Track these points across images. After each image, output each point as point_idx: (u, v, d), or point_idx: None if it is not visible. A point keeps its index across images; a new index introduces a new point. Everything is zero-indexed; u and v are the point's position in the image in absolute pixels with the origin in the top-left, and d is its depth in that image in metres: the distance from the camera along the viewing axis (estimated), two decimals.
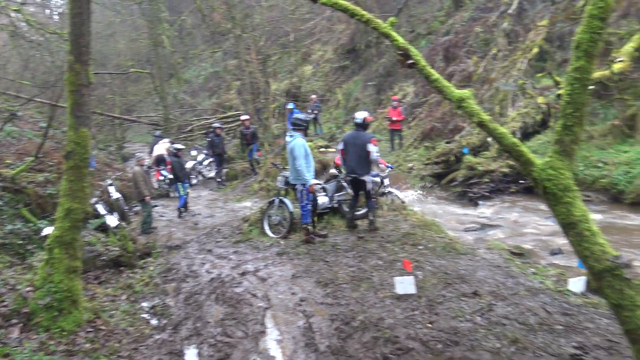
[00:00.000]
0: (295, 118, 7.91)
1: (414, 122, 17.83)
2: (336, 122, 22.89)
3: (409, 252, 6.75)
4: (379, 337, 4.66)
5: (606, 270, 2.40)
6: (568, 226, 2.54)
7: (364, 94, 23.17)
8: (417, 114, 18.27)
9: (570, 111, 2.63)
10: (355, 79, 24.83)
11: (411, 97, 19.57)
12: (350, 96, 23.99)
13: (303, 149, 7.56)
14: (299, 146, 7.57)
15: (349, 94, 24.30)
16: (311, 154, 7.78)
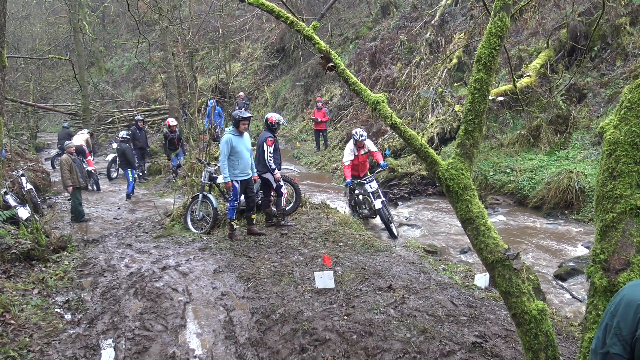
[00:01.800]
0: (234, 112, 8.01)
1: (339, 124, 18.25)
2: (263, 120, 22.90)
3: (330, 248, 6.99)
4: (297, 329, 4.83)
5: (497, 261, 2.70)
6: (467, 221, 2.82)
7: (292, 93, 23.36)
8: (343, 115, 18.71)
9: (471, 117, 2.92)
10: (284, 78, 24.98)
11: (337, 99, 20.00)
12: (279, 95, 24.12)
13: (226, 145, 7.56)
14: (222, 142, 7.63)
15: (277, 92, 24.42)
16: (244, 150, 7.74)
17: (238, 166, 7.66)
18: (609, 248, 2.54)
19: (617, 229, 2.54)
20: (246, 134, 7.88)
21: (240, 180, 7.76)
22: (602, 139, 2.78)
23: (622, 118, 2.62)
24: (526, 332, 2.64)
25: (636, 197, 2.51)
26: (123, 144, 13.03)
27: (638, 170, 2.52)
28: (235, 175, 7.68)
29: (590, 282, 2.61)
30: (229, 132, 7.67)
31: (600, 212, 2.64)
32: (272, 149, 8.05)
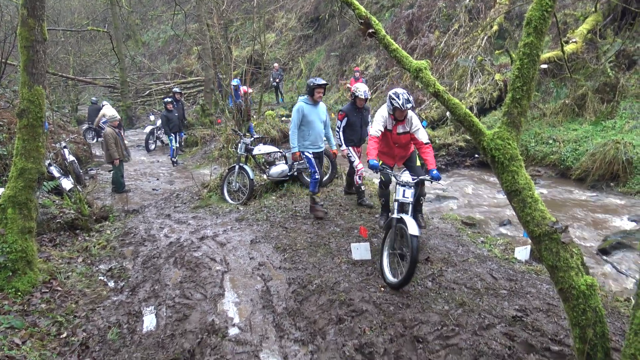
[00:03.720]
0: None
1: (375, 94, 17.98)
2: (298, 91, 22.80)
3: (366, 220, 6.94)
4: (334, 300, 4.83)
5: (545, 234, 2.59)
6: (513, 193, 2.71)
7: (326, 64, 23.10)
8: (378, 86, 18.42)
9: (519, 85, 2.77)
10: (319, 48, 24.69)
11: (373, 69, 19.67)
12: (313, 66, 23.89)
13: (297, 113, 7.10)
14: (294, 110, 7.18)
15: (312, 63, 24.18)
16: (317, 121, 7.23)
17: (309, 137, 7.19)
18: None
19: None
20: (322, 104, 7.40)
21: (312, 152, 7.28)
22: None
23: None
24: (573, 308, 2.55)
25: None
26: (167, 111, 13.72)
27: None
28: (305, 147, 7.22)
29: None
30: (303, 100, 7.19)
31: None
32: (343, 123, 7.36)
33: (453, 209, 8.89)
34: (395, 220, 5.07)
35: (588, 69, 11.51)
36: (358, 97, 7.33)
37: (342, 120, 7.37)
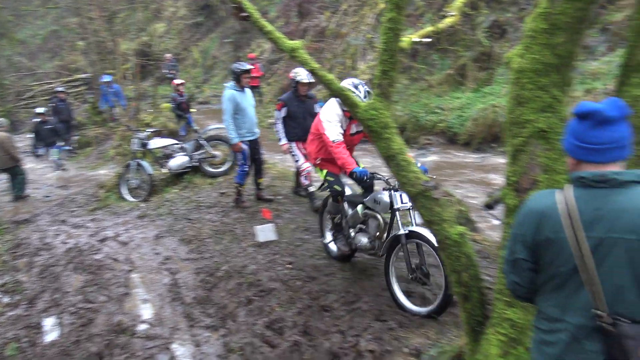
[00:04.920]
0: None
1: (272, 78, 18.02)
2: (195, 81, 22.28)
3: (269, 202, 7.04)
4: (242, 283, 4.92)
5: (419, 193, 2.84)
6: (389, 158, 2.93)
7: (221, 51, 22.72)
8: (275, 70, 18.46)
9: (386, 57, 2.98)
10: (212, 36, 24.19)
11: (268, 53, 19.66)
12: (208, 54, 23.41)
13: (230, 102, 6.58)
14: (225, 99, 6.65)
15: (206, 52, 23.67)
16: (249, 107, 6.79)
17: (244, 125, 6.72)
18: (519, 170, 2.71)
19: (526, 152, 2.69)
20: (248, 90, 6.94)
21: (248, 140, 6.82)
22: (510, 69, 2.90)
23: (526, 47, 2.73)
24: (449, 256, 2.82)
25: (540, 121, 2.65)
26: (38, 121, 11.69)
27: (541, 96, 2.65)
28: (242, 136, 6.74)
29: (505, 203, 2.80)
30: (231, 87, 6.68)
31: (511, 137, 2.79)
32: (282, 114, 6.57)
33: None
34: (404, 238, 4.07)
35: (466, 41, 12.31)
36: (300, 82, 6.39)
37: (280, 110, 6.55)
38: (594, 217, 1.69)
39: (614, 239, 1.66)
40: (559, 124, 2.68)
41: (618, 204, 1.67)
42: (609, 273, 1.67)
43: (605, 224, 1.67)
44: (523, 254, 1.89)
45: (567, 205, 1.75)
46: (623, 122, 1.73)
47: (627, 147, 1.75)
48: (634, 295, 1.66)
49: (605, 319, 1.68)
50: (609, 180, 1.69)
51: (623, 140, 1.73)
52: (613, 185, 1.69)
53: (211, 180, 8.35)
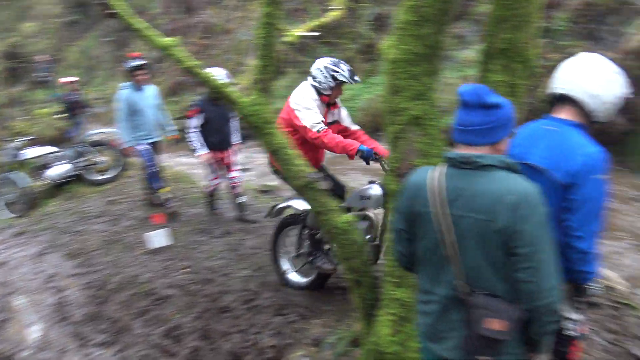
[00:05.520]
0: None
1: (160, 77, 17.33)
2: None
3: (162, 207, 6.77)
4: (136, 294, 4.69)
5: (305, 185, 2.87)
6: (273, 153, 2.93)
7: (102, 50, 21.44)
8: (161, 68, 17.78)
9: (264, 53, 2.96)
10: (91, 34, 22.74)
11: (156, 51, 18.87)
12: (87, 54, 21.98)
13: (124, 102, 6.08)
14: (118, 99, 6.17)
15: (85, 51, 22.21)
16: (148, 108, 6.23)
17: (142, 127, 6.19)
18: (398, 156, 2.82)
19: (403, 139, 2.81)
20: (151, 87, 6.41)
21: (148, 143, 6.28)
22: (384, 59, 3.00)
23: (399, 38, 2.83)
24: (339, 244, 2.89)
25: (415, 108, 2.78)
26: None
27: (413, 84, 2.77)
28: (139, 139, 6.18)
29: (388, 189, 2.90)
30: (125, 87, 6.17)
31: (389, 125, 2.89)
32: (198, 121, 5.79)
33: (250, 180, 9.15)
34: None
35: (352, 33, 12.64)
36: None
37: (194, 117, 5.74)
38: (457, 195, 1.79)
39: (469, 218, 1.76)
40: (431, 111, 2.83)
41: (476, 185, 1.76)
42: (467, 249, 1.78)
43: (464, 203, 1.77)
44: (402, 224, 2.00)
45: (436, 182, 1.84)
46: (482, 108, 1.78)
47: (489, 133, 1.79)
48: (489, 272, 1.76)
49: (463, 289, 1.80)
50: (472, 162, 1.78)
51: (482, 125, 1.78)
52: (475, 167, 1.78)
53: (97, 188, 7.87)
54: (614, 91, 2.13)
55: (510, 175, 1.77)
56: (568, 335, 2.38)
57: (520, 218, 1.68)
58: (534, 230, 1.70)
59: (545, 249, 1.73)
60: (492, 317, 1.73)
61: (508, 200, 1.70)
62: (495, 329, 1.72)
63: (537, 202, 1.73)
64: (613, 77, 2.13)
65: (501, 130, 1.80)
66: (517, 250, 1.70)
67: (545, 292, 1.71)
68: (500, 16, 2.67)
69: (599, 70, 2.13)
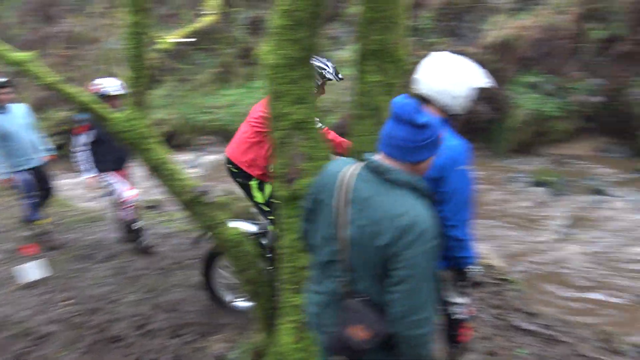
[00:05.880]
0: None
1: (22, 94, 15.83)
2: None
3: None
4: (9, 336, 4.21)
5: (191, 200, 2.75)
6: (153, 169, 2.77)
7: None
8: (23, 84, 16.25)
9: (135, 64, 2.78)
10: None
11: None
12: None
13: None
14: None
15: None
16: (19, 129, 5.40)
17: (18, 152, 5.40)
18: (285, 162, 2.79)
19: (288, 144, 2.79)
20: (20, 106, 5.56)
21: (29, 168, 5.47)
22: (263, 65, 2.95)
23: (276, 43, 2.80)
24: (233, 257, 2.81)
25: (297, 112, 2.77)
26: None
27: (293, 89, 2.76)
28: (17, 165, 5.40)
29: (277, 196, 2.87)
30: None
31: (274, 131, 2.86)
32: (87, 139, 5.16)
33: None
34: None
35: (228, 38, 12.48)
36: (109, 95, 5.04)
37: (83, 134, 5.12)
38: (360, 199, 1.77)
39: (363, 225, 1.74)
40: (312, 114, 2.84)
41: (380, 196, 1.74)
42: (355, 253, 1.78)
43: (363, 209, 1.75)
44: (309, 205, 2.01)
45: (346, 180, 1.82)
46: (410, 126, 1.71)
47: (411, 152, 1.74)
48: (370, 281, 1.78)
49: (344, 289, 1.83)
50: (382, 172, 1.76)
51: (406, 142, 1.72)
52: (385, 179, 1.75)
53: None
54: (461, 85, 2.26)
55: (413, 198, 1.73)
56: (457, 319, 2.53)
57: (404, 242, 1.65)
58: (415, 259, 1.66)
59: (423, 281, 1.68)
60: (359, 325, 1.73)
61: (399, 221, 1.67)
62: (359, 336, 1.73)
63: (427, 233, 1.68)
64: (459, 72, 2.26)
65: (424, 151, 1.75)
66: (393, 272, 1.69)
67: (412, 323, 1.69)
68: (370, 18, 2.75)
69: (444, 68, 2.27)
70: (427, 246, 1.68)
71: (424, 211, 1.71)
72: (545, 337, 3.73)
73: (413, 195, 1.73)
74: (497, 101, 8.17)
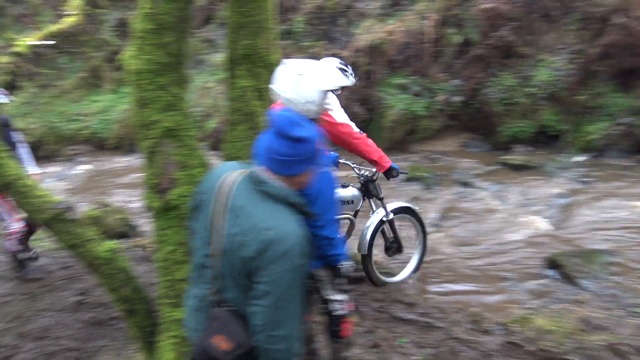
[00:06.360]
0: None
1: None
2: None
3: None
4: None
5: (52, 218, 2.53)
6: (4, 187, 2.52)
7: None
8: None
9: None
10: None
11: None
12: None
13: None
14: None
15: None
16: None
17: None
18: (157, 172, 2.68)
19: (159, 152, 2.68)
20: None
21: None
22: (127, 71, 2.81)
23: (139, 48, 2.68)
24: (104, 275, 2.64)
25: (167, 120, 2.67)
26: None
27: (161, 95, 2.66)
28: None
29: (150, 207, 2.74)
30: None
31: (142, 140, 2.73)
32: None
33: None
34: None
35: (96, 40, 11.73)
36: None
37: None
38: (237, 207, 1.73)
39: (235, 233, 1.71)
40: (184, 121, 2.76)
41: (253, 207, 1.72)
42: (226, 261, 1.75)
43: (237, 217, 1.72)
44: (193, 203, 1.96)
45: (227, 185, 1.78)
46: (286, 139, 1.68)
47: (287, 165, 1.72)
48: (237, 291, 1.76)
49: (213, 297, 1.81)
50: (257, 183, 1.73)
51: (281, 155, 1.69)
52: (261, 190, 1.72)
53: None
54: (312, 90, 2.31)
55: (285, 212, 1.71)
56: (338, 315, 2.60)
57: (268, 257, 1.63)
58: (278, 275, 1.64)
59: (286, 298, 1.66)
60: (222, 335, 1.72)
61: (265, 235, 1.64)
62: (221, 347, 1.71)
63: (293, 251, 1.65)
64: (308, 77, 2.31)
65: (301, 165, 1.72)
66: (256, 285, 1.67)
67: (272, 338, 1.68)
68: (238, 23, 2.74)
69: (294, 75, 2.32)
70: (292, 264, 1.64)
71: (293, 228, 1.68)
72: (423, 324, 3.96)
73: (286, 210, 1.71)
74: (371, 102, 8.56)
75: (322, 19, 9.97)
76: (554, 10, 8.76)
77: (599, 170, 7.69)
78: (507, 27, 8.72)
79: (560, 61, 8.63)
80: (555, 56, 8.71)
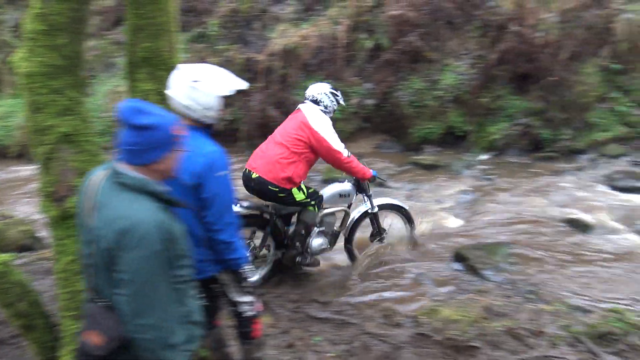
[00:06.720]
0: None
1: None
2: None
3: None
4: None
5: None
6: None
7: None
8: None
9: None
10: None
11: None
12: None
13: None
14: None
15: None
16: None
17: None
18: (53, 179, 2.59)
19: (56, 159, 2.59)
20: None
21: None
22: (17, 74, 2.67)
23: (30, 50, 2.57)
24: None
25: (63, 125, 2.58)
26: None
27: (57, 99, 2.57)
28: None
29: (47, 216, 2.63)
30: None
31: (37, 146, 2.62)
32: None
33: None
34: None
35: None
36: None
37: None
38: (101, 203, 1.74)
39: (100, 230, 1.72)
40: (83, 125, 2.67)
41: (112, 200, 1.73)
42: (97, 258, 1.75)
43: (100, 214, 1.73)
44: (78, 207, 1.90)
45: (94, 187, 1.78)
46: (132, 129, 1.70)
47: (138, 154, 1.73)
48: (107, 285, 1.76)
49: (90, 295, 1.82)
50: (116, 176, 1.75)
51: (130, 145, 1.71)
52: (119, 183, 1.74)
53: None
54: (207, 96, 2.29)
55: (138, 200, 1.71)
56: (247, 317, 2.62)
57: (122, 245, 1.64)
58: (135, 263, 1.64)
59: (147, 286, 1.67)
60: (95, 330, 1.72)
61: (117, 224, 1.65)
62: (93, 342, 1.71)
63: (148, 237, 1.65)
64: (200, 84, 2.28)
65: (152, 152, 1.73)
66: (117, 275, 1.68)
67: (139, 327, 1.68)
68: (137, 25, 2.69)
69: (186, 82, 2.28)
70: (149, 250, 1.64)
71: (147, 215, 1.68)
72: (337, 322, 4.04)
73: (143, 199, 1.71)
74: (287, 105, 8.62)
75: (236, 22, 9.92)
76: (457, 17, 9.26)
77: (500, 168, 8.23)
78: (415, 33, 9.11)
79: (464, 66, 9.13)
80: (459, 61, 9.20)
